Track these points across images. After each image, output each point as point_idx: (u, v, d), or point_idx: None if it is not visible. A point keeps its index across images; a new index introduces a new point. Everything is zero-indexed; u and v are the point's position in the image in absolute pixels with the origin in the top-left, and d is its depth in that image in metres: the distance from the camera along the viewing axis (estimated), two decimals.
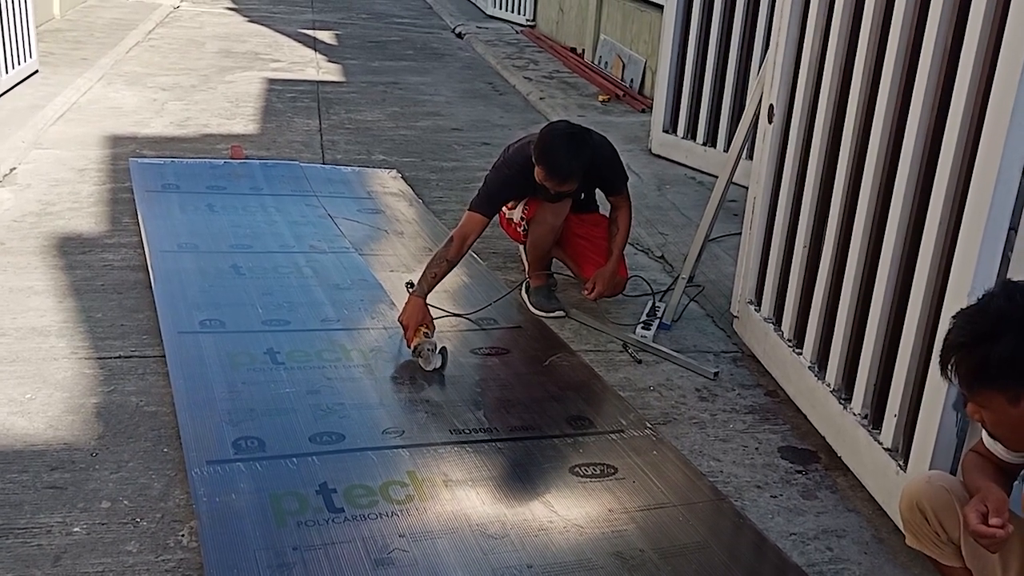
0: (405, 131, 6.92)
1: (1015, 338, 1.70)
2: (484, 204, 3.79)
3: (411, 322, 3.48)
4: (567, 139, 3.69)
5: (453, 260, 3.67)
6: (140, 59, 8.85)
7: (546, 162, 3.67)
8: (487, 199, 3.81)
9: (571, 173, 3.70)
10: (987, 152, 2.29)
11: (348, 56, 9.65)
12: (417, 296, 3.54)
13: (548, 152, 3.67)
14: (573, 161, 3.67)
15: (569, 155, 3.66)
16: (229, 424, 2.96)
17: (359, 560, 2.39)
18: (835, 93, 3.09)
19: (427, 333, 3.47)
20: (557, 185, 3.72)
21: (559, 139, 3.69)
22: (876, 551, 2.66)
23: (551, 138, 3.71)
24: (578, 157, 3.69)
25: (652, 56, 7.95)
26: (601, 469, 2.92)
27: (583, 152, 3.70)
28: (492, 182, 3.89)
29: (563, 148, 3.67)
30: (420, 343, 3.42)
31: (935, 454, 2.50)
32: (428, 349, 3.39)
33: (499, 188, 3.87)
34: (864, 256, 2.91)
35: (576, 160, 3.68)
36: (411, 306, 3.53)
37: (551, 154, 3.67)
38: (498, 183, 3.87)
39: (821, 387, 3.12)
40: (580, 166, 3.70)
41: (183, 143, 6.19)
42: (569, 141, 3.68)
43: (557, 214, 3.96)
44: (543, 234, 4.00)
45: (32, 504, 2.59)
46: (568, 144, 3.67)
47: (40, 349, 3.42)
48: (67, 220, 4.69)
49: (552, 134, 3.73)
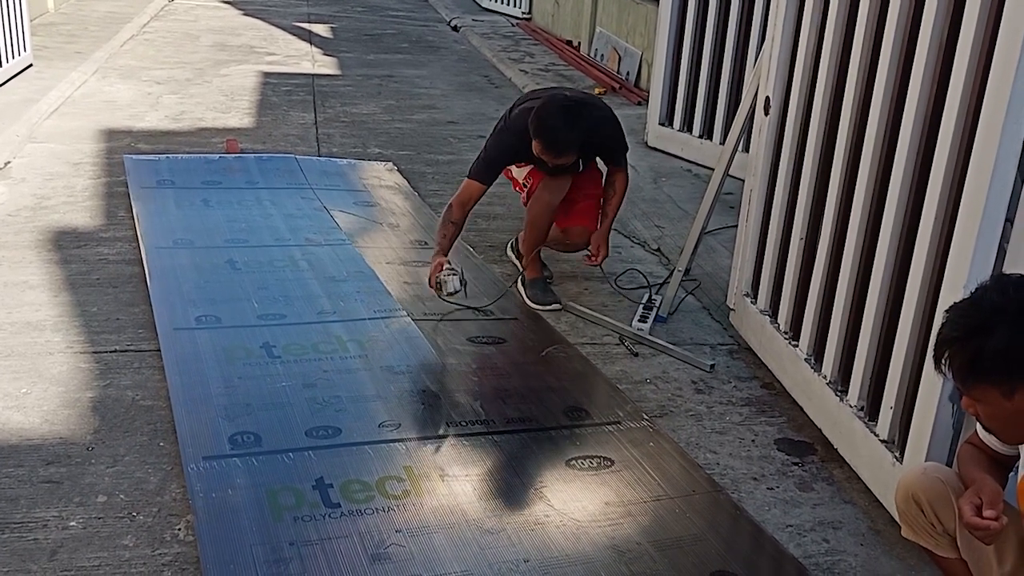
0: (400, 124, 6.91)
1: (1008, 331, 1.70)
2: (482, 171, 3.80)
3: (433, 270, 3.63)
4: (564, 112, 3.62)
5: (458, 222, 3.76)
6: (134, 53, 8.82)
7: (542, 136, 3.63)
8: (486, 166, 3.82)
9: (567, 147, 3.66)
10: (983, 145, 2.29)
11: (343, 49, 9.63)
12: (436, 256, 3.69)
13: (544, 125, 3.62)
14: (569, 134, 3.62)
15: (566, 128, 3.60)
16: (225, 419, 2.95)
17: (355, 555, 2.39)
18: (831, 85, 3.08)
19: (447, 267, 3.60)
20: (553, 158, 3.69)
21: (556, 112, 3.62)
22: (872, 542, 2.66)
23: (548, 110, 3.64)
24: (574, 130, 3.62)
25: (648, 49, 7.93)
26: (598, 462, 2.92)
27: (579, 125, 3.62)
28: (492, 148, 3.88)
29: (560, 121, 3.60)
30: (438, 274, 3.56)
31: (931, 446, 2.50)
32: (446, 273, 3.53)
33: (498, 154, 3.86)
34: (860, 248, 2.91)
35: (572, 133, 3.62)
36: (433, 263, 3.67)
37: (547, 128, 3.62)
38: (497, 149, 3.86)
39: (817, 379, 3.13)
40: (576, 139, 3.65)
41: (178, 137, 6.18)
42: (566, 114, 3.61)
43: (555, 191, 3.93)
44: (540, 212, 3.95)
45: (28, 498, 2.59)
46: (565, 117, 3.61)
47: (35, 344, 3.41)
48: (62, 214, 4.68)
49: (549, 106, 3.65)
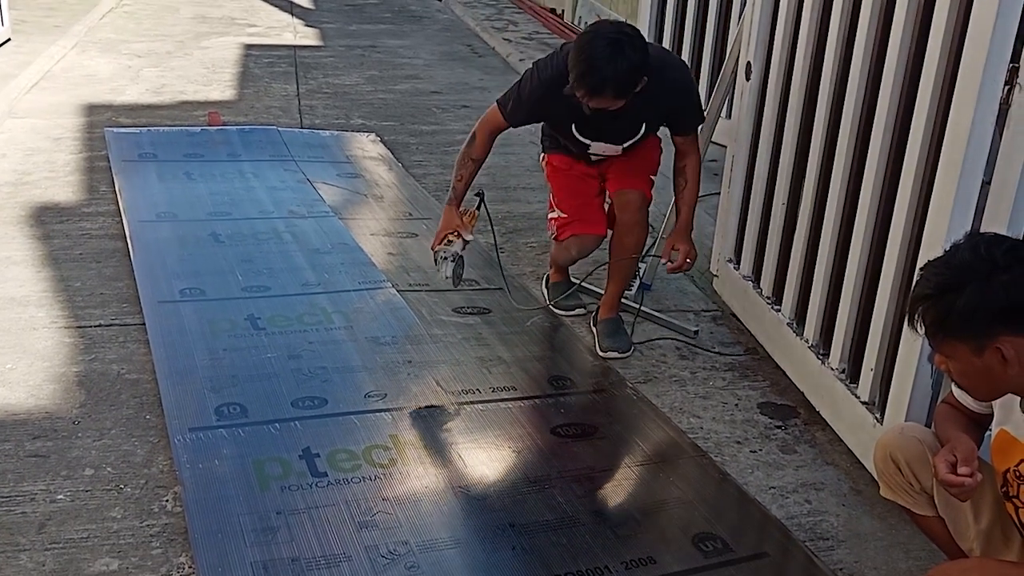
0: (384, 95, 6.87)
1: (978, 289, 1.72)
2: (507, 107, 3.30)
3: (441, 229, 3.40)
4: (607, 41, 2.94)
5: (479, 158, 3.36)
6: (114, 26, 8.73)
7: (578, 63, 2.96)
8: (514, 104, 3.29)
9: (605, 81, 2.94)
10: (960, 107, 2.30)
11: (325, 20, 9.55)
12: (449, 205, 3.40)
13: (582, 51, 2.96)
14: (609, 66, 2.91)
15: (605, 57, 2.92)
16: (211, 391, 2.96)
17: (343, 523, 2.41)
18: (811, 50, 3.08)
19: (451, 240, 3.37)
20: (588, 96, 3.00)
21: (599, 39, 2.96)
22: (854, 503, 2.70)
23: (591, 37, 2.99)
24: (616, 63, 2.92)
25: (632, 16, 7.89)
26: (583, 429, 2.94)
27: (623, 60, 2.93)
28: (523, 85, 3.29)
29: (600, 48, 2.93)
30: (437, 249, 3.39)
31: (911, 406, 2.53)
32: (442, 256, 3.37)
33: (525, 97, 3.26)
34: (841, 213, 2.92)
35: (613, 66, 2.92)
36: (445, 214, 3.41)
37: (584, 54, 2.95)
38: (526, 91, 3.26)
39: (799, 343, 3.15)
40: (617, 75, 2.94)
41: (159, 110, 6.14)
42: (610, 45, 2.93)
43: (581, 250, 3.57)
44: (562, 259, 3.70)
45: (15, 472, 2.60)
46: (609, 47, 2.93)
47: (20, 319, 3.41)
48: (43, 189, 4.66)
49: (593, 34, 3.01)
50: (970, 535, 2.06)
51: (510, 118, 3.32)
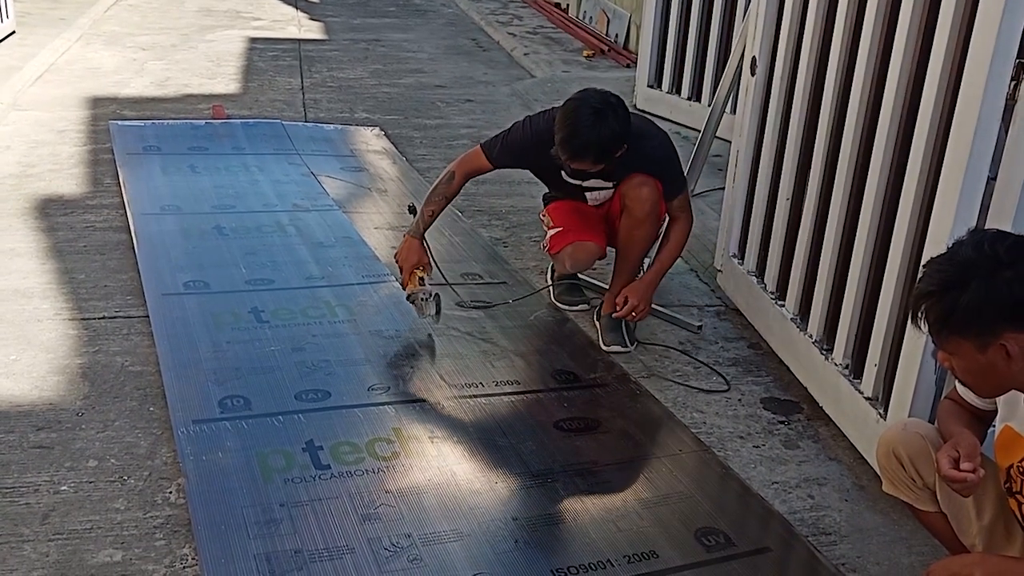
0: (388, 88, 6.87)
1: (982, 285, 1.72)
2: (494, 150, 3.44)
3: (406, 264, 3.38)
4: (592, 110, 3.15)
5: (452, 196, 3.46)
6: (119, 18, 8.73)
7: (563, 127, 3.17)
8: (501, 147, 3.44)
9: (586, 146, 3.14)
10: (966, 103, 2.29)
11: (330, 13, 9.55)
12: (413, 236, 3.39)
13: (568, 116, 3.18)
14: (591, 132, 3.12)
15: (588, 124, 3.12)
16: (215, 383, 2.97)
17: (346, 515, 2.42)
18: (817, 45, 3.08)
19: (422, 279, 3.38)
20: (569, 159, 3.21)
21: (584, 106, 3.17)
22: (856, 498, 2.70)
23: (577, 103, 3.20)
24: (598, 130, 3.13)
25: (637, 11, 7.88)
26: (586, 423, 2.94)
27: (605, 128, 3.13)
28: (512, 132, 3.47)
29: (585, 116, 3.14)
30: (415, 291, 3.36)
31: (914, 402, 2.53)
32: (422, 298, 3.34)
33: (514, 143, 3.44)
34: (846, 208, 2.92)
35: (594, 132, 3.12)
36: (407, 247, 3.39)
37: (570, 119, 3.16)
38: (516, 137, 3.44)
39: (803, 338, 3.15)
40: (598, 141, 3.14)
41: (164, 103, 6.14)
42: (594, 113, 3.14)
43: (576, 261, 3.62)
44: (557, 271, 3.79)
45: (19, 464, 2.60)
46: (592, 115, 3.14)
47: (24, 311, 3.41)
48: (48, 182, 4.66)
49: (580, 99, 3.22)
50: (972, 531, 2.06)
51: (496, 160, 3.46)
